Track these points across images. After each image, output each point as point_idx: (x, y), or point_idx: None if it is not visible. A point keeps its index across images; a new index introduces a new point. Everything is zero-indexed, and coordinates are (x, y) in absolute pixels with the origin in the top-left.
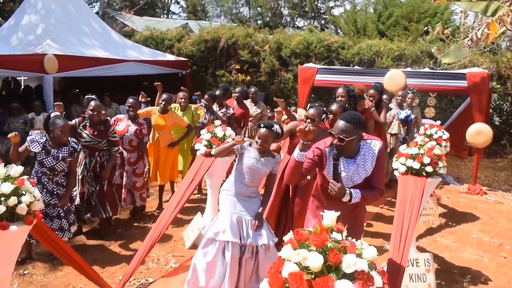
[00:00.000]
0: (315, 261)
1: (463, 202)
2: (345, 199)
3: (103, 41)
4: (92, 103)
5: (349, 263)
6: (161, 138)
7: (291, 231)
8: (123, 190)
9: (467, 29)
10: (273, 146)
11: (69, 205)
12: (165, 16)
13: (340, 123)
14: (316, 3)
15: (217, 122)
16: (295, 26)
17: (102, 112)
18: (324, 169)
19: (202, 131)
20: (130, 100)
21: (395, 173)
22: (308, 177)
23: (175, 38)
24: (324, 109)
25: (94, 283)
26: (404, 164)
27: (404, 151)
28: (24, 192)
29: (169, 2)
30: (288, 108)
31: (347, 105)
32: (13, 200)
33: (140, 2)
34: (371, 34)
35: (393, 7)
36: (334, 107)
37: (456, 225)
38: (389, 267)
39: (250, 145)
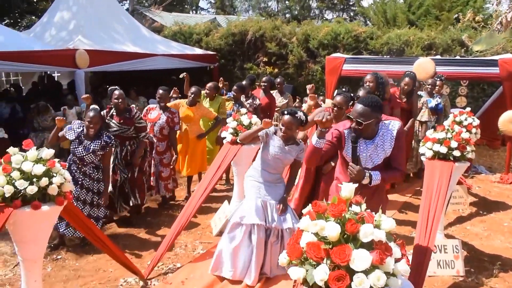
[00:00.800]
0: (332, 230)
1: (495, 191)
2: (365, 181)
3: (133, 36)
4: (116, 92)
5: (366, 232)
6: (189, 130)
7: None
8: (151, 178)
9: (499, 15)
10: (300, 134)
11: (97, 198)
12: (193, 12)
13: (358, 106)
14: None
15: (243, 110)
16: (324, 18)
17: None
18: (343, 151)
19: (228, 119)
20: (160, 91)
21: (422, 158)
22: (332, 163)
23: (203, 32)
24: (352, 95)
25: (124, 267)
26: (431, 149)
27: (431, 136)
28: (55, 174)
29: None
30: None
31: (375, 93)
32: (44, 181)
33: None
34: (401, 24)
35: None
36: (361, 93)
37: (487, 214)
38: (415, 252)
39: (275, 133)
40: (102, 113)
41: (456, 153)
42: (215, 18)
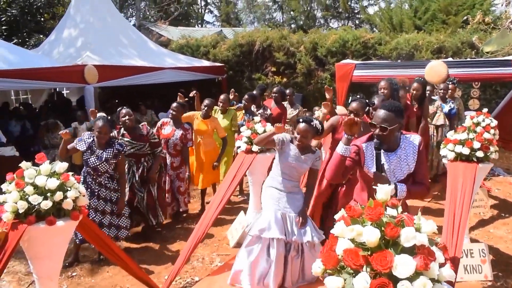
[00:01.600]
0: (371, 235)
1: None
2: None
3: (140, 51)
4: (123, 110)
5: (408, 236)
6: (203, 143)
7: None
8: (167, 195)
9: (509, 15)
10: (314, 143)
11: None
12: (199, 25)
13: (381, 112)
14: (349, 3)
15: (257, 118)
16: (329, 27)
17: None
18: (363, 167)
19: (242, 128)
20: (175, 104)
21: (444, 160)
22: None
23: (210, 45)
24: (367, 101)
25: (141, 282)
26: (452, 151)
27: (452, 137)
28: (69, 188)
29: (203, 12)
30: None
31: (390, 99)
32: (59, 195)
33: (175, 13)
34: (408, 30)
35: (429, 1)
36: (376, 101)
37: (510, 216)
38: None
39: (291, 141)
40: (114, 133)
41: (479, 153)
42: (221, 31)
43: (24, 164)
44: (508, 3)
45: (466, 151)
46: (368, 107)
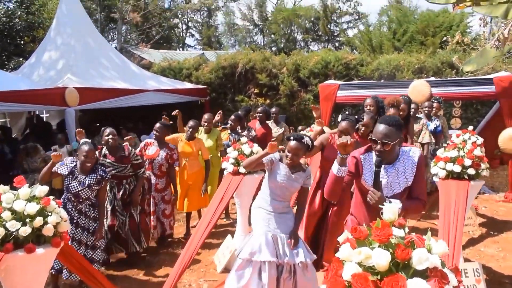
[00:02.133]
0: (381, 258)
1: (502, 210)
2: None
3: (122, 73)
4: (107, 129)
5: (421, 258)
6: (188, 165)
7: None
8: (152, 217)
9: (487, 35)
10: (301, 161)
11: (92, 239)
12: (181, 49)
13: (381, 127)
14: (328, 26)
15: (243, 139)
16: (310, 50)
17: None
18: (361, 178)
19: (228, 149)
20: (158, 125)
21: (434, 178)
22: None
23: (192, 67)
24: (356, 117)
25: None
26: (444, 168)
27: (442, 155)
28: (50, 213)
29: (184, 35)
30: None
31: (376, 116)
32: (39, 221)
33: (156, 37)
34: (387, 51)
35: (407, 23)
36: (365, 118)
37: (499, 234)
38: None
39: (280, 160)
40: (97, 153)
41: (471, 171)
42: (203, 53)
43: (1, 188)
44: (485, 23)
45: (457, 168)
46: (358, 124)
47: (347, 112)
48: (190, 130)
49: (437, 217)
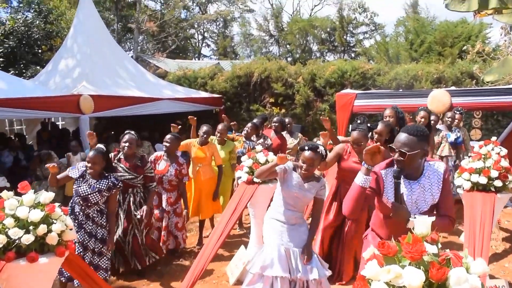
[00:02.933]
0: (414, 278)
1: None
2: (410, 224)
3: (137, 82)
4: (127, 136)
5: (460, 278)
6: (201, 171)
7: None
8: (163, 232)
9: (508, 44)
10: (317, 173)
11: (100, 245)
12: (196, 59)
13: (402, 136)
14: (345, 37)
15: (258, 147)
16: (325, 61)
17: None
18: (382, 195)
19: (243, 158)
20: (168, 136)
21: (458, 190)
22: None
23: (208, 76)
24: (368, 125)
25: None
26: (468, 180)
27: (467, 166)
28: (54, 220)
29: (200, 45)
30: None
31: (396, 128)
32: (42, 229)
33: (172, 46)
34: (405, 62)
35: (425, 34)
36: (379, 126)
37: None
38: None
39: (294, 169)
40: (110, 155)
41: (497, 183)
42: (218, 63)
43: (5, 194)
44: (507, 32)
45: (483, 180)
46: (371, 132)
47: (358, 121)
48: (204, 135)
49: (458, 231)
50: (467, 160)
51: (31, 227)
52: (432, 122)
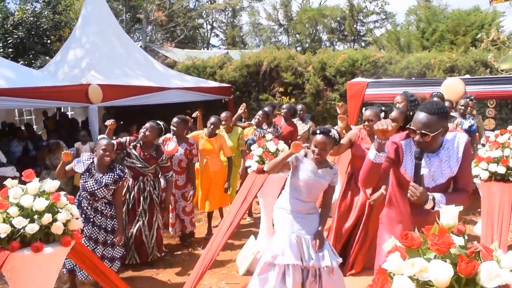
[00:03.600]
0: (441, 272)
1: None
2: (428, 206)
3: (146, 72)
4: (148, 124)
5: (491, 273)
6: (209, 163)
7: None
8: (170, 215)
9: None
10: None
11: (111, 237)
12: (205, 49)
13: (421, 115)
14: (355, 26)
15: (268, 136)
16: (335, 50)
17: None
18: (401, 166)
19: (252, 146)
20: (175, 119)
21: (476, 180)
22: (383, 191)
23: (216, 65)
24: (382, 108)
25: None
26: (486, 170)
27: (485, 155)
28: (60, 209)
29: (209, 35)
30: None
31: (408, 112)
32: (47, 218)
33: (181, 36)
34: (416, 51)
35: (437, 22)
36: (393, 113)
37: None
38: None
39: (305, 156)
40: (125, 139)
41: None
42: (227, 52)
43: (9, 182)
44: None
45: (501, 169)
46: (384, 113)
47: (373, 106)
48: (212, 126)
49: (472, 222)
50: (485, 149)
51: (35, 216)
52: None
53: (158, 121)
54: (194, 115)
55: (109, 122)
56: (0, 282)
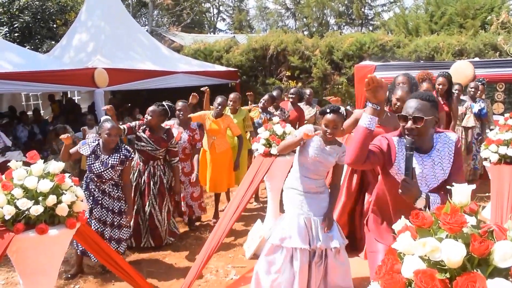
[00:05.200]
0: (453, 252)
1: None
2: (420, 204)
3: (152, 55)
4: (151, 108)
5: (506, 253)
6: (216, 144)
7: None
8: (182, 203)
9: None
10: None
11: (118, 218)
12: (211, 33)
13: (413, 101)
14: (362, 9)
15: (275, 119)
16: (342, 34)
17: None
18: (393, 165)
19: (259, 129)
20: (180, 103)
21: (485, 163)
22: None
23: (223, 49)
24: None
25: None
26: (496, 152)
27: (495, 137)
28: (65, 191)
29: (215, 20)
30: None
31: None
32: (52, 200)
33: (187, 20)
34: (424, 34)
35: (446, 5)
36: (399, 92)
37: None
38: None
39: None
40: (134, 123)
41: None
42: (234, 37)
43: (13, 164)
44: None
45: (511, 152)
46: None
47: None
48: (219, 107)
49: (481, 207)
50: (495, 132)
51: (40, 198)
52: (456, 92)
53: (163, 102)
54: (202, 89)
55: (106, 107)
56: (7, 266)
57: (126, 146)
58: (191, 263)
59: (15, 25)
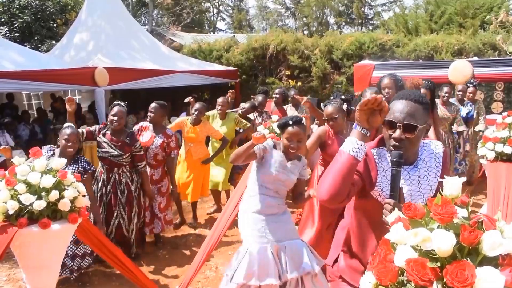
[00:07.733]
0: (444, 241)
1: None
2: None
3: (152, 55)
4: (115, 108)
5: (495, 242)
6: (192, 151)
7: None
8: (146, 213)
9: None
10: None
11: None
12: (211, 33)
13: (402, 104)
14: (362, 9)
15: (274, 117)
16: (342, 34)
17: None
18: (373, 186)
19: (259, 128)
20: (153, 104)
21: (481, 161)
22: None
23: (223, 49)
24: (342, 96)
25: None
26: (493, 150)
27: (491, 135)
28: (67, 187)
29: (215, 19)
30: None
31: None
32: (54, 195)
33: (187, 19)
34: (424, 34)
35: (446, 4)
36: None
37: None
38: None
39: (274, 147)
40: (94, 127)
41: None
42: (234, 36)
43: (16, 159)
44: None
45: (508, 150)
46: (346, 103)
47: (332, 97)
48: (196, 113)
49: (478, 205)
50: (491, 130)
51: (43, 193)
52: (446, 95)
53: (120, 102)
54: (186, 100)
55: (2, 147)
56: (9, 262)
57: (85, 158)
58: (190, 260)
59: (15, 25)
